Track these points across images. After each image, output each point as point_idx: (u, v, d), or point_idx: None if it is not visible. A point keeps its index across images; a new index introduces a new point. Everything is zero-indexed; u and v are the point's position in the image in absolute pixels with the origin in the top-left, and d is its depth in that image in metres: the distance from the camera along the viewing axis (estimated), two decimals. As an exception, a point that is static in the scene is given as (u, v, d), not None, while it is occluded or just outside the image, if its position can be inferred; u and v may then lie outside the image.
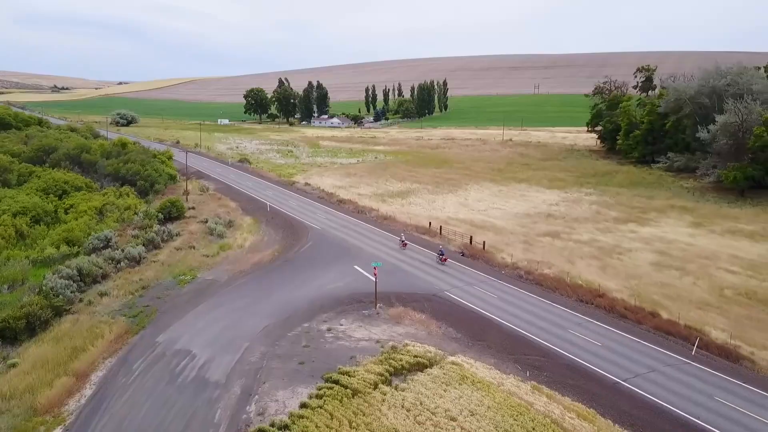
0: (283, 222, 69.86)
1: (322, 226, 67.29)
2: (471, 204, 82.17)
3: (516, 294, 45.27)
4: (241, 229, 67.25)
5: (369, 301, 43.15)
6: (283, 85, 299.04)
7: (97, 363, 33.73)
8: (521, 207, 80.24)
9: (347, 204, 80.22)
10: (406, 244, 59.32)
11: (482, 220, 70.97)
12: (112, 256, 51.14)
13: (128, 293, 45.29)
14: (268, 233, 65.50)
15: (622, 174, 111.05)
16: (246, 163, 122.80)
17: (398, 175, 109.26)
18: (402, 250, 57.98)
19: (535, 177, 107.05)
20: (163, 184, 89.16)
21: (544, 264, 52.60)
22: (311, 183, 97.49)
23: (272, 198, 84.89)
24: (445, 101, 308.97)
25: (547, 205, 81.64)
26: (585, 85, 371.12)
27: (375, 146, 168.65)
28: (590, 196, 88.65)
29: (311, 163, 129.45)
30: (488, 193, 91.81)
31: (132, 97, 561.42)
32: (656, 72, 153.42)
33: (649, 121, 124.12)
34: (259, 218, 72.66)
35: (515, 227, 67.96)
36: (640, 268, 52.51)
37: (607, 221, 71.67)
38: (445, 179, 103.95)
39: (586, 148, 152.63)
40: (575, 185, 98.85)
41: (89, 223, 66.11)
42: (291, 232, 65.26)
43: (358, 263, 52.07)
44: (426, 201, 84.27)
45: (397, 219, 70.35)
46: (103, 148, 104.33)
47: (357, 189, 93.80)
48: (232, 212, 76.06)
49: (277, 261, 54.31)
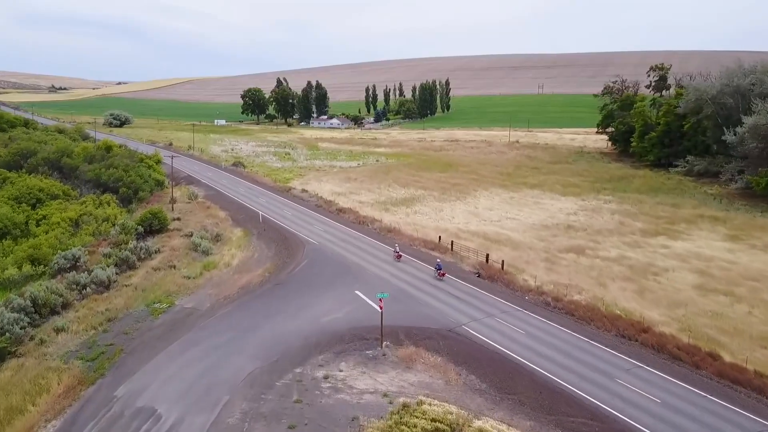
0: (276, 235, 63.20)
1: (320, 239, 60.64)
2: (482, 213, 75.53)
3: (545, 328, 38.61)
4: (229, 244, 60.58)
5: (374, 337, 36.52)
6: (281, 84, 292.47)
7: (35, 430, 27.05)
8: (537, 217, 73.61)
9: (347, 213, 73.57)
10: (400, 256, 53.72)
11: (496, 233, 64.33)
12: (77, 280, 44.49)
13: (90, 327, 38.63)
14: (260, 249, 58.83)
15: (639, 179, 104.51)
16: (240, 167, 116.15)
17: (401, 180, 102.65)
18: (395, 262, 52.52)
19: (548, 182, 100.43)
20: (148, 191, 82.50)
21: (572, 288, 45.99)
22: (308, 189, 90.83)
23: (266, 206, 78.25)
24: (447, 101, 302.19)
25: (564, 215, 75.04)
26: (588, 85, 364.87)
27: (376, 148, 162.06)
28: (610, 204, 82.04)
29: (309, 166, 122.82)
30: (499, 200, 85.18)
31: (129, 97, 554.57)
32: (670, 71, 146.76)
33: (666, 123, 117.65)
34: (250, 230, 66.00)
35: (533, 241, 61.33)
36: (683, 292, 45.90)
37: (634, 234, 65.05)
38: (451, 185, 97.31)
39: (596, 151, 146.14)
40: (591, 191, 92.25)
41: (61, 237, 59.48)
42: (285, 247, 58.60)
43: (360, 286, 45.44)
44: (432, 210, 77.64)
45: (402, 231, 63.68)
46: (86, 152, 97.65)
47: (357, 196, 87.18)
48: (221, 223, 69.41)
49: (268, 283, 47.66)
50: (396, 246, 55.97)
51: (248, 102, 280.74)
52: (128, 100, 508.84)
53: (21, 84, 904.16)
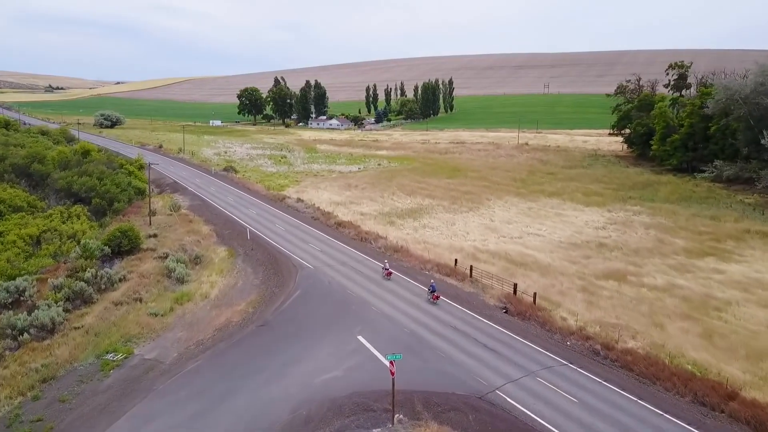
0: (265, 256, 54.67)
1: (315, 262, 52.09)
2: (499, 227, 66.98)
3: (603, 394, 30.05)
4: (210, 267, 52.04)
5: (382, 408, 28.03)
6: (279, 84, 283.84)
7: None
8: (562, 232, 65.08)
9: (347, 228, 65.00)
10: (390, 273, 47.11)
11: (520, 253, 55.77)
12: (12, 323, 35.89)
13: (17, 393, 30.10)
14: (245, 274, 50.31)
15: (665, 186, 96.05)
16: (231, 173, 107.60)
17: (406, 186, 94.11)
18: (385, 280, 46.30)
19: (566, 190, 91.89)
20: (125, 201, 73.87)
21: (623, 329, 37.48)
22: (304, 198, 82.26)
23: (255, 220, 69.73)
24: (450, 101, 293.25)
25: (593, 229, 66.54)
26: (596, 84, 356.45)
27: (377, 151, 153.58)
28: (640, 216, 73.51)
29: (306, 171, 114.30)
30: (516, 211, 76.65)
31: (125, 97, 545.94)
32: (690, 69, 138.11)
33: (690, 124, 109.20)
34: (235, 249, 57.48)
35: (564, 264, 52.80)
36: (761, 336, 37.35)
37: (677, 254, 56.51)
38: (461, 193, 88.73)
39: (611, 154, 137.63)
40: (616, 200, 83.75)
41: (15, 260, 50.96)
42: (274, 272, 50.07)
43: (364, 330, 36.93)
44: (443, 223, 69.10)
45: (411, 251, 55.07)
46: (61, 157, 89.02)
47: (359, 206, 78.66)
48: (203, 241, 60.86)
49: (251, 323, 39.13)
50: (386, 262, 49.04)
51: (245, 102, 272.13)
52: (124, 99, 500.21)
53: (18, 84, 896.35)
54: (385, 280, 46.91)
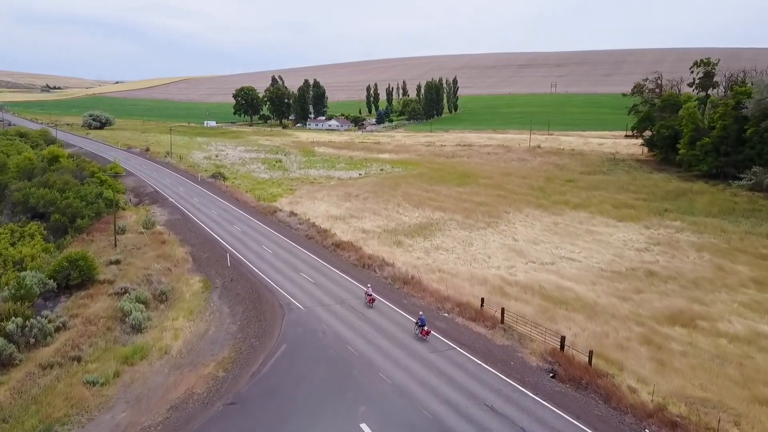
0: (247, 289, 44.93)
1: (307, 299, 42.30)
2: (525, 249, 57.22)
3: None
4: (178, 306, 42.30)
5: None
6: (276, 83, 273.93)
7: None
8: (600, 255, 55.31)
9: (347, 251, 55.22)
10: (373, 300, 40.27)
11: (556, 285, 46.02)
12: None
13: None
14: (219, 316, 40.57)
15: (700, 195, 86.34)
16: (220, 180, 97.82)
17: (413, 196, 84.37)
18: (367, 307, 39.86)
19: (593, 201, 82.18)
20: (90, 217, 64.04)
21: (719, 410, 27.73)
22: (298, 211, 72.53)
23: (240, 240, 60.00)
24: (455, 101, 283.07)
25: (634, 252, 56.81)
26: (604, 83, 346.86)
27: (379, 154, 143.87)
28: (684, 234, 63.80)
29: (302, 177, 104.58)
30: (541, 227, 66.90)
31: (121, 96, 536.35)
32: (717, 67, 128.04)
33: (723, 126, 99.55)
34: (212, 280, 47.78)
35: (612, 300, 43.07)
36: None
37: (746, 286, 46.80)
38: (476, 204, 78.95)
39: (630, 157, 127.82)
40: (651, 214, 74.07)
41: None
42: (256, 314, 40.32)
43: (369, 413, 27.11)
44: (459, 243, 59.34)
45: (424, 284, 45.24)
46: (27, 164, 79.35)
47: (360, 221, 68.95)
48: (175, 267, 51.13)
49: (218, 398, 29.35)
50: (369, 287, 41.64)
51: (241, 102, 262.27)
52: (119, 99, 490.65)
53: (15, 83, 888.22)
54: (368, 308, 39.67)
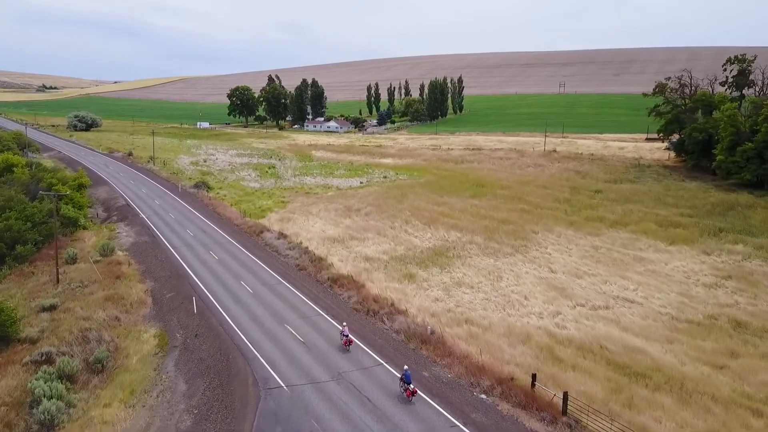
0: (213, 352, 33.75)
1: (293, 373, 31.09)
2: (567, 285, 46.04)
3: None
4: (116, 381, 31.08)
5: None
6: (272, 82, 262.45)
7: None
8: (663, 295, 44.13)
9: (346, 288, 44.04)
10: (350, 342, 33.54)
11: (621, 343, 34.80)
12: None
13: None
14: (170, 396, 29.39)
15: (751, 210, 75.13)
16: (203, 190, 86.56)
17: (423, 211, 73.19)
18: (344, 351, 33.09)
19: (631, 217, 71.05)
20: (35, 241, 52.74)
21: None
22: (289, 232, 61.31)
23: (215, 272, 48.79)
24: (460, 101, 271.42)
25: (703, 288, 45.69)
26: (614, 83, 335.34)
27: (382, 158, 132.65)
28: (754, 263, 52.73)
29: (297, 186, 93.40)
30: (578, 253, 55.71)
31: (117, 96, 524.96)
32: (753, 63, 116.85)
33: (767, 130, 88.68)
34: (171, 334, 36.63)
35: (701, 369, 31.98)
36: None
37: None
38: (497, 222, 67.73)
39: (656, 163, 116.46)
40: (704, 234, 62.93)
41: None
42: (221, 395, 29.14)
43: None
44: (485, 276, 48.12)
45: (448, 344, 33.98)
46: (-24, 174, 68.13)
47: (362, 244, 57.76)
48: (127, 314, 39.92)
49: None
50: (344, 326, 34.15)
51: (236, 102, 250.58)
52: (114, 99, 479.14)
53: (11, 83, 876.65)
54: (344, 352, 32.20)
